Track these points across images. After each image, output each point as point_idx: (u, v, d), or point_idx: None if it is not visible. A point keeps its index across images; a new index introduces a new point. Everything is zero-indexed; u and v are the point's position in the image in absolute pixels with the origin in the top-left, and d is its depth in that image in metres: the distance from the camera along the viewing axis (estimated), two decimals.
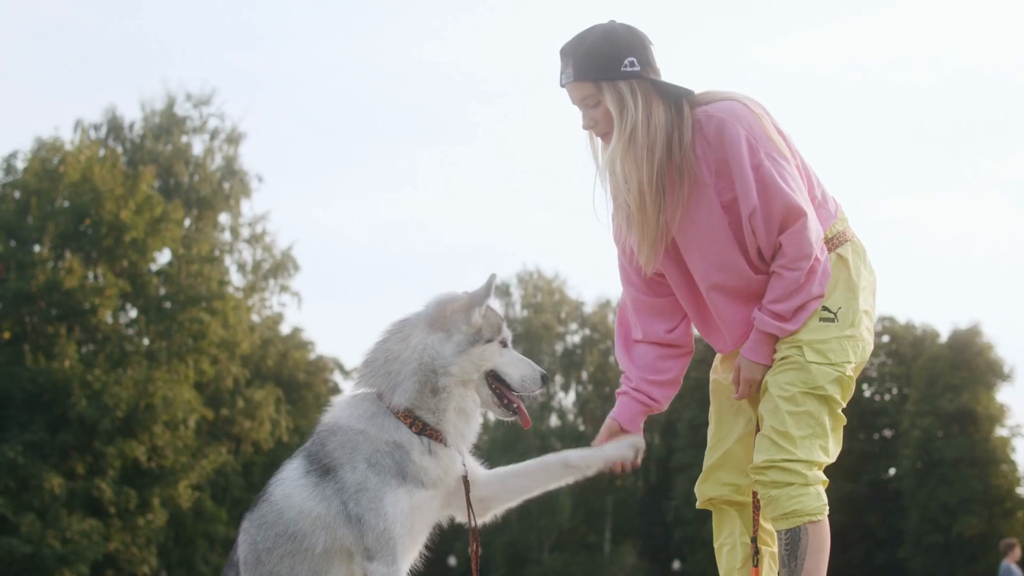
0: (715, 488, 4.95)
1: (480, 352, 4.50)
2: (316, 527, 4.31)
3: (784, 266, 4.52)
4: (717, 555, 5.03)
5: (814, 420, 4.54)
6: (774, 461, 4.50)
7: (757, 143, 4.47)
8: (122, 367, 40.98)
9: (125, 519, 40.80)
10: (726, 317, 4.73)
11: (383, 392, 4.47)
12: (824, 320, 4.59)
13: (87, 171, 41.63)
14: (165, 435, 40.94)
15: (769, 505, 4.53)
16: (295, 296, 53.19)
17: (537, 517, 59.04)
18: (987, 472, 50.66)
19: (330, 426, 4.48)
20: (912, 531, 51.38)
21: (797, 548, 4.48)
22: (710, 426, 5.07)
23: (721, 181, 4.52)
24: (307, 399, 53.42)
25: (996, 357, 52.62)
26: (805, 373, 4.54)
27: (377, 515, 4.27)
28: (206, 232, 48.71)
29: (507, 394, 4.59)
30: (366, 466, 4.33)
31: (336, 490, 4.31)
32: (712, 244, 4.60)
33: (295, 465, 4.46)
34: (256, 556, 4.38)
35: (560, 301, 64.93)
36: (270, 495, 4.45)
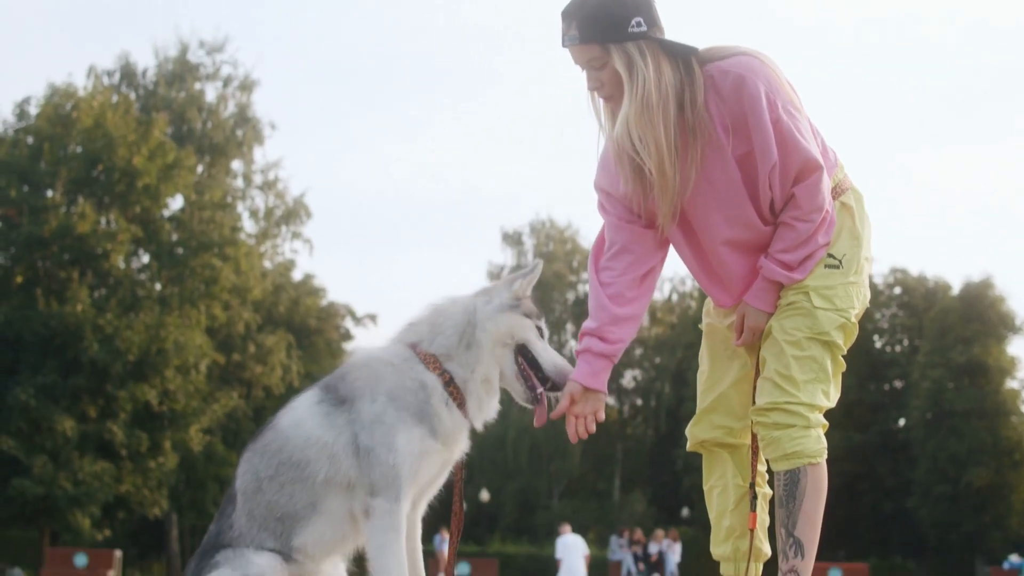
0: (707, 431, 5.00)
1: (518, 318, 4.53)
2: (321, 455, 4.31)
3: (797, 218, 4.53)
4: (707, 497, 5.07)
5: (818, 365, 4.56)
6: (777, 403, 4.52)
7: (775, 97, 4.45)
8: (134, 312, 41.05)
9: (136, 462, 41.02)
10: (733, 270, 4.73)
11: (420, 341, 4.51)
12: (829, 267, 4.62)
13: (100, 117, 41.59)
14: (176, 379, 41.07)
15: (770, 446, 4.56)
16: (307, 243, 53.32)
17: (548, 463, 59.27)
18: (996, 424, 50.70)
19: (359, 361, 4.52)
20: (921, 481, 51.46)
21: (796, 489, 4.51)
22: (702, 369, 5.10)
23: (736, 137, 4.49)
24: (318, 345, 53.56)
25: (1008, 310, 52.56)
26: (811, 319, 4.56)
27: (389, 450, 4.28)
28: (219, 179, 48.74)
29: (533, 378, 4.58)
30: (386, 399, 4.35)
31: (349, 420, 4.33)
32: (725, 200, 4.59)
33: (308, 395, 4.48)
34: (257, 484, 4.38)
35: (572, 250, 64.93)
36: (276, 423, 4.45)
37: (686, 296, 64.63)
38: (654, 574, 35.93)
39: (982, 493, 49.90)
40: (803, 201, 4.51)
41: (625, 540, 37.31)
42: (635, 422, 65.50)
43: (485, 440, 57.39)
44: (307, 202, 52.46)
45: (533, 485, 59.70)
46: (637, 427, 65.28)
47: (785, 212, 4.57)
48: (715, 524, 5.02)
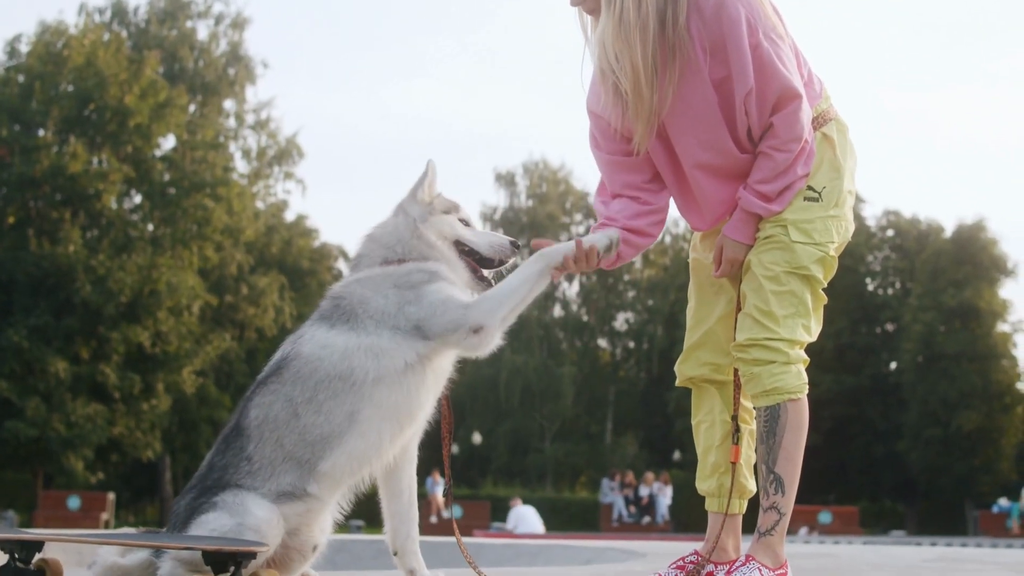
0: (695, 367, 4.99)
1: (440, 220, 4.67)
2: (366, 358, 4.37)
3: (775, 147, 4.50)
4: (695, 432, 5.09)
5: (797, 299, 4.54)
6: (756, 339, 4.51)
7: (756, 22, 4.42)
8: (126, 253, 41.05)
9: (129, 404, 41.14)
10: (708, 195, 4.70)
11: (387, 257, 4.61)
12: (808, 200, 4.59)
13: (91, 55, 41.48)
14: (169, 321, 41.14)
15: (750, 382, 4.56)
16: (300, 183, 53.17)
17: (540, 406, 59.41)
18: (987, 367, 50.79)
19: (342, 284, 4.61)
20: (912, 424, 51.60)
21: (776, 424, 4.51)
22: (690, 305, 5.09)
23: (714, 60, 4.46)
24: (311, 286, 53.54)
25: (1000, 252, 52.54)
26: (789, 252, 4.54)
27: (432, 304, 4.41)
28: (211, 118, 48.59)
29: (476, 267, 4.69)
30: (396, 289, 4.45)
31: (376, 323, 4.40)
32: (700, 123, 4.55)
33: (314, 328, 4.50)
34: (292, 411, 4.37)
35: (566, 191, 64.82)
36: (298, 354, 4.45)
37: (679, 238, 64.58)
38: (645, 517, 36.08)
39: (972, 437, 50.07)
40: (781, 130, 4.48)
41: (616, 483, 37.45)
42: (627, 364, 65.60)
43: (477, 382, 57.55)
44: (299, 142, 52.29)
45: (525, 427, 59.83)
46: (629, 369, 65.39)
47: (763, 142, 4.53)
48: (701, 459, 5.04)
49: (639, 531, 34.54)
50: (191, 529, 4.26)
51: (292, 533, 4.45)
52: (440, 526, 32.20)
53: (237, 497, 4.29)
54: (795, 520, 28.30)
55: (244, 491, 4.32)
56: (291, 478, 4.35)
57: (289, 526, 4.39)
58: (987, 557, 7.38)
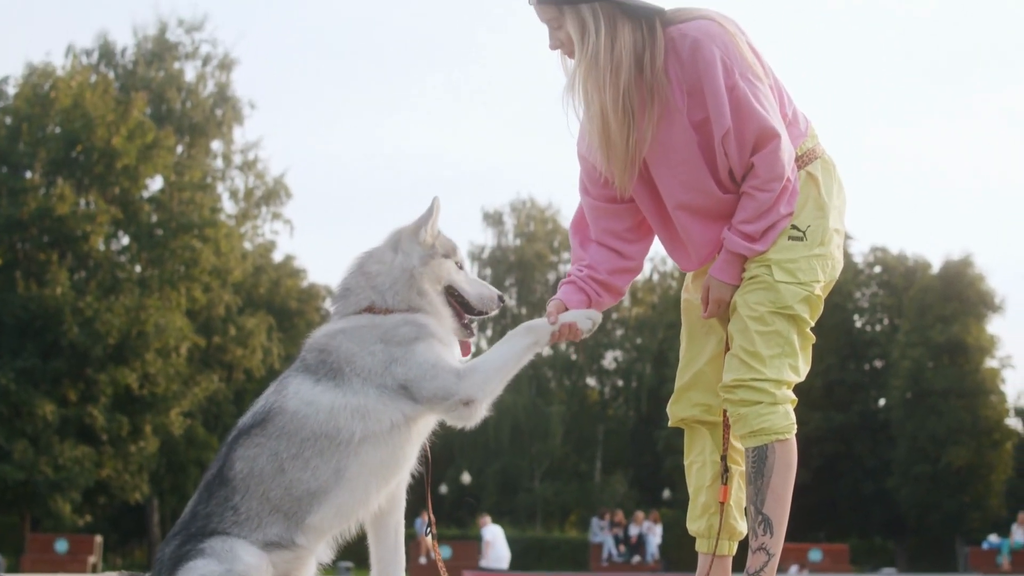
0: (686, 408, 5.00)
1: (439, 264, 4.65)
2: (352, 418, 4.35)
3: (756, 187, 4.50)
4: (687, 472, 5.07)
5: (783, 339, 4.53)
6: (743, 380, 4.51)
7: (732, 64, 4.43)
8: (114, 294, 40.94)
9: (117, 446, 40.95)
10: (693, 236, 4.72)
11: (374, 303, 4.58)
12: (793, 239, 4.58)
13: (79, 97, 41.44)
14: (157, 362, 41.00)
15: (738, 423, 4.56)
16: (287, 224, 53.15)
17: (529, 445, 59.28)
18: (976, 403, 50.80)
19: (326, 334, 4.56)
20: (901, 461, 51.56)
21: (764, 465, 4.50)
22: (682, 346, 5.11)
23: (693, 101, 4.48)
24: (299, 327, 53.42)
25: (987, 288, 52.63)
26: (774, 292, 4.54)
27: (419, 366, 4.40)
28: (198, 159, 48.58)
29: (463, 315, 4.71)
30: (383, 345, 4.42)
31: (363, 381, 4.38)
32: (680, 164, 4.57)
33: (299, 380, 4.47)
34: (278, 466, 4.35)
35: (553, 230, 64.83)
36: (283, 408, 4.42)
37: (667, 276, 64.61)
38: (635, 556, 35.97)
39: (961, 473, 50.03)
40: (761, 170, 4.48)
41: (606, 522, 37.34)
42: (616, 403, 65.53)
43: None
44: (287, 182, 52.30)
45: (514, 466, 59.68)
46: (618, 408, 65.31)
47: (745, 182, 4.54)
48: (692, 499, 5.04)
49: (629, 570, 34.45)
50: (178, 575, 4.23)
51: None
52: (429, 567, 32.07)
53: (226, 543, 4.27)
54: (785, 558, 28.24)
55: (232, 537, 4.29)
56: (278, 529, 4.33)
57: (277, 572, 4.37)
58: None
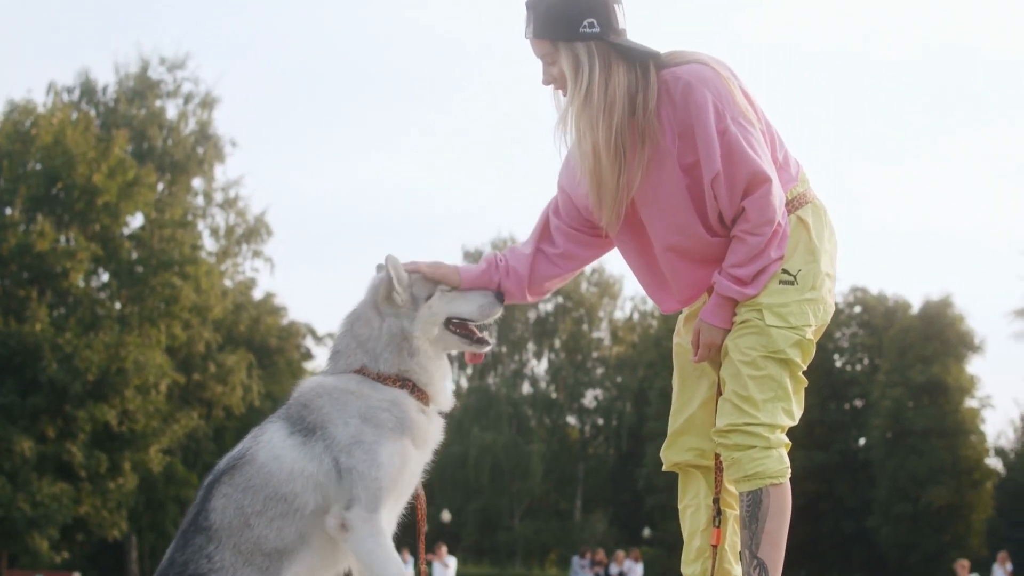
0: (680, 453, 4.94)
1: (427, 310, 4.56)
2: (307, 487, 4.27)
3: (747, 231, 4.49)
4: (681, 517, 5.01)
5: (775, 383, 4.51)
6: (736, 425, 4.49)
7: (724, 108, 4.43)
8: (93, 331, 40.81)
9: (95, 483, 40.74)
10: (681, 278, 4.71)
11: (365, 365, 4.50)
12: (784, 283, 4.57)
13: (59, 134, 41.40)
14: (136, 399, 40.85)
15: (732, 467, 4.52)
16: (268, 261, 53.18)
17: (509, 483, 59.19)
18: (956, 443, 50.90)
19: (314, 389, 4.48)
20: (881, 501, 51.63)
21: (758, 510, 4.47)
22: (674, 390, 5.04)
23: (684, 144, 4.48)
24: (279, 364, 53.41)
25: (967, 329, 52.81)
26: (765, 337, 4.52)
27: (371, 465, 4.26)
28: (179, 196, 48.59)
29: (472, 331, 4.65)
30: (360, 421, 4.33)
31: (326, 447, 4.29)
32: (669, 206, 4.56)
33: (276, 428, 4.41)
34: (244, 520, 4.28)
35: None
36: (253, 457, 4.36)
37: (647, 315, 64.70)
38: None
39: (942, 513, 50.08)
40: (752, 214, 4.47)
41: (587, 561, 37.20)
42: (596, 442, 65.51)
43: (446, 460, 57.28)
44: (268, 220, 52.36)
45: (494, 505, 59.64)
46: (598, 447, 65.28)
47: (736, 226, 4.52)
48: (686, 543, 4.97)
49: None
50: None
51: None
52: None
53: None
54: None
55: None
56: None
57: None
58: None
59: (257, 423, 4.61)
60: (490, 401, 61.01)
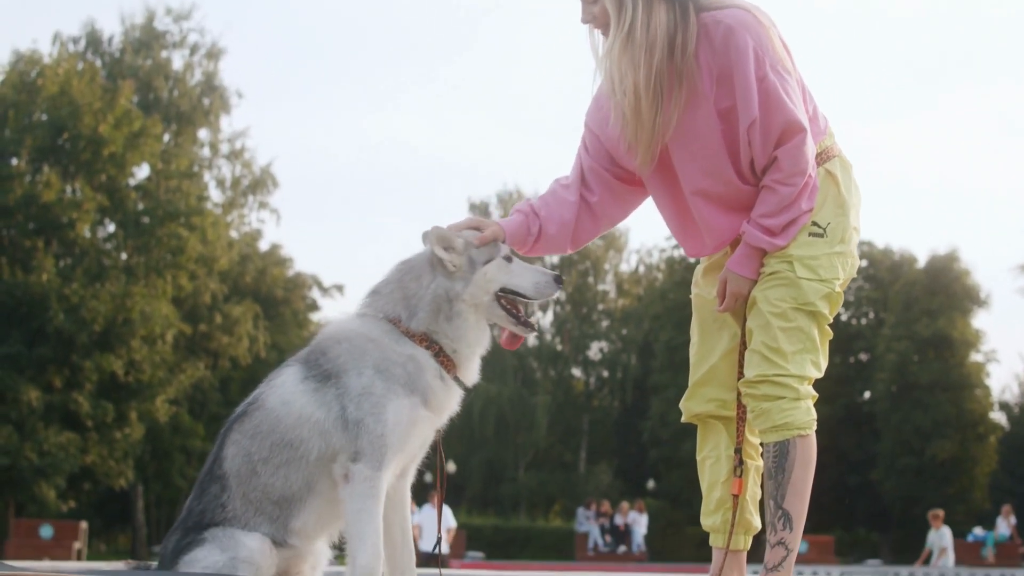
0: (701, 404, 4.95)
1: (483, 274, 4.46)
2: (313, 434, 4.26)
3: (779, 181, 4.50)
4: (700, 468, 5.03)
5: (804, 335, 4.56)
6: (766, 376, 4.52)
7: (764, 54, 4.43)
8: (100, 281, 40.82)
9: (102, 432, 40.86)
10: (709, 223, 4.70)
11: (399, 317, 4.44)
12: (813, 236, 4.59)
13: (65, 85, 41.30)
14: (142, 349, 40.92)
15: (760, 418, 4.56)
16: (274, 213, 53.18)
17: (514, 435, 59.32)
18: (961, 396, 50.90)
19: (336, 334, 4.43)
20: (885, 454, 51.66)
21: (785, 461, 4.54)
22: (693, 341, 5.05)
23: (721, 89, 4.47)
24: (285, 316, 53.47)
25: (973, 283, 52.73)
26: (796, 289, 4.54)
27: (377, 420, 4.22)
28: (185, 148, 48.52)
29: (520, 312, 4.54)
30: (374, 372, 4.28)
31: (337, 395, 4.25)
32: (703, 150, 4.56)
33: (291, 372, 4.39)
34: (251, 468, 4.30)
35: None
36: (263, 403, 4.37)
37: (652, 268, 64.65)
38: (621, 545, 36.02)
39: (946, 466, 50.14)
40: (785, 163, 4.47)
41: (592, 512, 37.38)
42: (601, 394, 65.54)
43: None
44: (274, 171, 52.33)
45: (499, 457, 59.77)
46: (603, 399, 65.32)
47: (767, 175, 4.53)
48: (706, 495, 5.00)
49: (615, 560, 34.49)
50: (181, 567, 4.20)
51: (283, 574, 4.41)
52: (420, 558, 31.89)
53: (226, 532, 4.23)
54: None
55: (230, 526, 4.27)
56: (267, 529, 4.29)
57: (279, 568, 4.34)
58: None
59: (263, 374, 4.60)
60: (495, 354, 60.55)
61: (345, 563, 4.31)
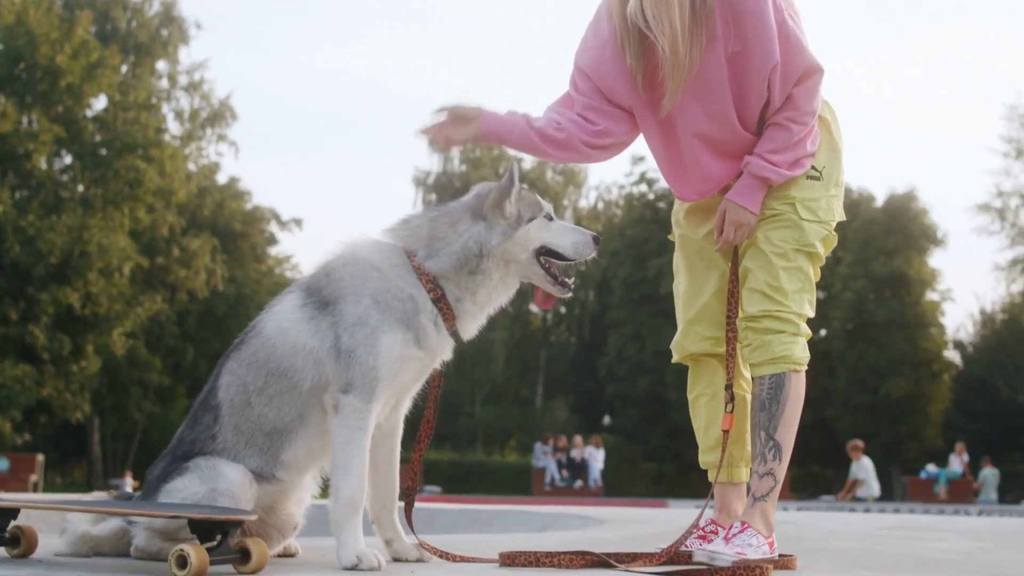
0: (696, 343, 5.03)
1: (525, 233, 4.43)
2: (307, 362, 4.24)
3: (791, 119, 4.55)
4: (693, 407, 5.11)
5: (803, 276, 4.69)
6: (769, 311, 4.62)
7: (783, 4, 4.48)
8: (56, 213, 40.62)
9: (58, 365, 40.77)
10: (704, 168, 4.73)
11: (416, 252, 4.40)
12: (811, 179, 4.69)
13: (22, 14, 40.93)
14: (100, 282, 40.76)
15: (759, 350, 4.64)
16: (232, 146, 52.96)
17: (471, 370, 59.43)
18: (916, 335, 51.25)
19: (343, 256, 4.40)
20: (841, 391, 52.02)
21: (780, 393, 4.63)
22: (679, 280, 5.10)
23: (732, 34, 4.48)
24: (243, 249, 53.30)
25: (930, 222, 52.99)
26: (798, 231, 4.66)
27: (369, 351, 4.20)
28: (143, 79, 48.18)
29: (558, 274, 4.52)
30: (371, 302, 4.26)
31: (332, 323, 4.24)
32: (710, 95, 4.57)
33: (290, 298, 4.38)
34: (245, 398, 4.30)
35: (499, 156, 64.72)
36: (260, 330, 4.36)
37: (611, 205, 64.73)
38: (577, 480, 36.19)
39: (900, 404, 50.53)
40: (801, 102, 4.54)
41: (550, 447, 37.51)
42: (558, 330, 65.70)
43: None
44: (233, 104, 52.04)
45: (456, 391, 59.87)
46: (560, 335, 65.50)
47: (780, 113, 4.57)
48: (704, 432, 5.08)
49: (572, 495, 34.63)
50: (161, 496, 4.20)
51: (268, 510, 4.40)
52: None
53: (209, 461, 4.23)
54: None
55: (216, 456, 4.26)
56: (256, 463, 4.29)
57: (263, 503, 4.34)
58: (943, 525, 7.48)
59: (220, 308, 4.57)
60: None
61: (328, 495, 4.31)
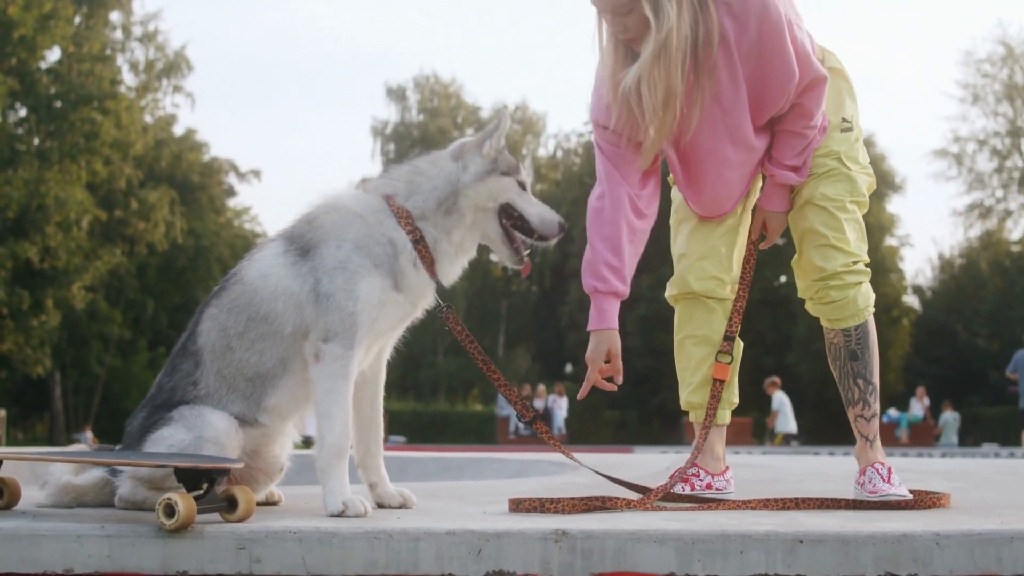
0: (701, 280, 5.06)
1: (497, 181, 4.44)
2: (288, 307, 4.23)
3: (806, 127, 4.71)
4: (679, 347, 5.17)
5: (858, 224, 4.86)
6: (848, 265, 4.79)
7: (792, 18, 4.54)
8: (12, 167, 40.36)
9: (18, 320, 40.61)
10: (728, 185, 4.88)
11: (395, 195, 4.42)
12: (844, 131, 4.86)
13: None
14: (58, 236, 40.57)
15: (845, 304, 4.82)
16: (188, 97, 52.86)
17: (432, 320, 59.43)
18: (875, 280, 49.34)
19: (326, 204, 4.40)
20: (800, 337, 52.28)
21: (868, 339, 4.86)
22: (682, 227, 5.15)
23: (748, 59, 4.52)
24: (201, 201, 53.11)
25: (888, 168, 53.29)
26: (851, 183, 4.82)
27: (349, 296, 4.20)
28: (97, 30, 47.78)
29: (516, 239, 4.51)
30: (352, 246, 4.26)
31: (312, 267, 4.22)
32: (732, 124, 4.66)
33: (273, 245, 4.37)
34: (226, 343, 4.27)
35: (457, 106, 64.61)
36: (242, 276, 4.34)
37: (571, 153, 64.70)
38: None
39: None
40: (812, 110, 4.68)
41: None
42: (519, 279, 65.81)
43: None
44: (188, 55, 51.72)
45: (418, 342, 59.90)
46: (521, 284, 65.62)
47: (793, 122, 4.72)
48: (691, 372, 5.14)
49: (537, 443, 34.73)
50: (147, 446, 4.15)
51: (253, 454, 4.38)
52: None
53: (193, 410, 4.19)
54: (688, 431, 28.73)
55: (200, 404, 4.24)
56: (239, 408, 4.26)
57: (248, 448, 4.32)
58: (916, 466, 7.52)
59: (179, 260, 4.56)
60: None
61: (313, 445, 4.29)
